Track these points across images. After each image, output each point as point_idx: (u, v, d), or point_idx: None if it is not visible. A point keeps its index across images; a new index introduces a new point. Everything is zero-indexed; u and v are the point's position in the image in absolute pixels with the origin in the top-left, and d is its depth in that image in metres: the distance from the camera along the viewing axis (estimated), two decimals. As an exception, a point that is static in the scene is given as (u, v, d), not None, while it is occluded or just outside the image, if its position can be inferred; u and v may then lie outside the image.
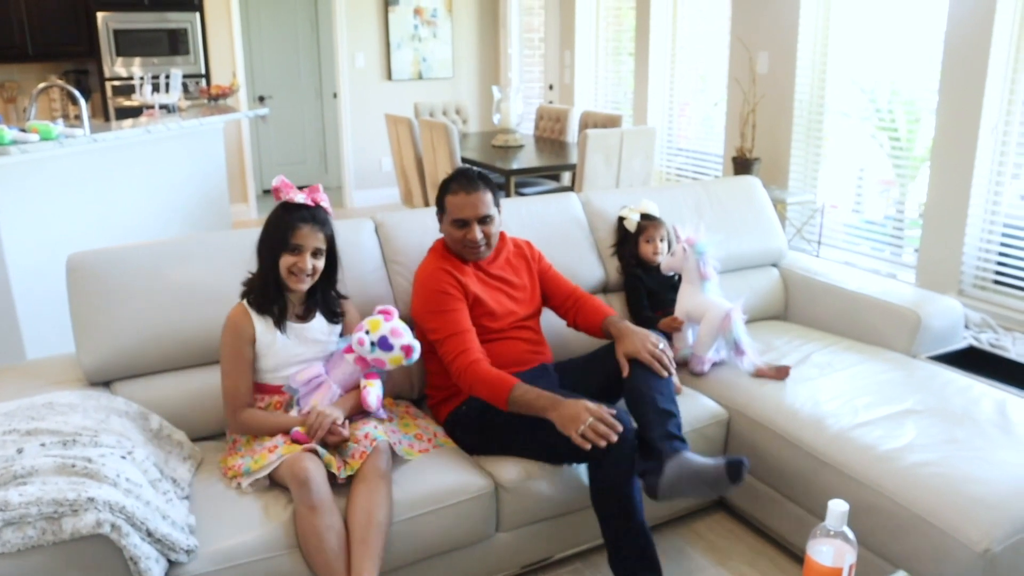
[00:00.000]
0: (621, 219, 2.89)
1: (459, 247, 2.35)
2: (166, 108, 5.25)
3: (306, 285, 2.14)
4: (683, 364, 2.70)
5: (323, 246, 2.15)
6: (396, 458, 2.12)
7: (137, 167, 4.31)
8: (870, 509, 2.09)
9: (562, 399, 2.04)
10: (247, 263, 2.24)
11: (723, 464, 2.06)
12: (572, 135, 6.05)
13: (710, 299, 2.62)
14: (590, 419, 1.96)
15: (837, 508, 1.39)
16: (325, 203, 2.20)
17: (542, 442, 2.14)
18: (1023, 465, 2.07)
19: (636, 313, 2.83)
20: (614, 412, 2.03)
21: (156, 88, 5.42)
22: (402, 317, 2.24)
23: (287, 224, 2.10)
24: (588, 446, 1.96)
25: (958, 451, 2.14)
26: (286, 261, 2.10)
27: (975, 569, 1.86)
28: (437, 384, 2.39)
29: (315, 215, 2.14)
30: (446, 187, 2.37)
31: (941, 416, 2.32)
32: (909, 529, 1.99)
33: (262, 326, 2.14)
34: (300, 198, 2.14)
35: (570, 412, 1.99)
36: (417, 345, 2.18)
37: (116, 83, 6.51)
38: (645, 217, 2.85)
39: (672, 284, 2.82)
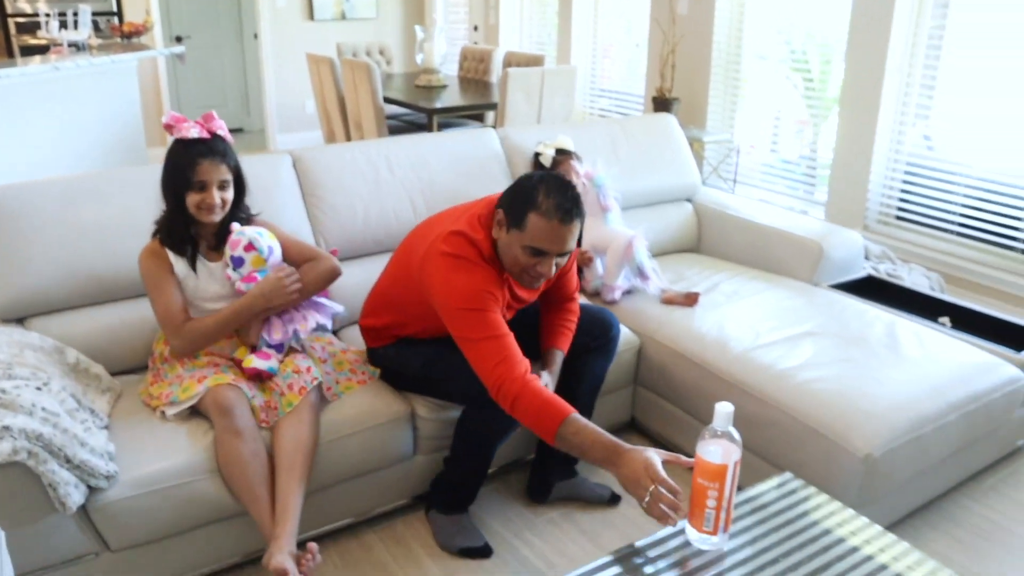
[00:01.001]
0: (537, 155, 2.94)
1: (516, 270, 1.97)
2: (75, 46, 5.06)
3: (218, 216, 2.11)
4: (595, 294, 2.80)
5: (228, 177, 2.09)
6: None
7: (46, 107, 4.17)
8: (768, 423, 2.23)
9: (623, 449, 1.68)
10: (159, 198, 2.23)
11: (606, 497, 2.41)
12: (496, 75, 6.04)
13: (613, 229, 2.73)
14: (652, 487, 1.57)
15: (723, 409, 1.50)
16: (222, 131, 2.11)
17: (450, 393, 2.19)
18: (906, 381, 2.24)
19: None
20: (691, 463, 1.57)
21: (64, 25, 5.21)
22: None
23: (186, 162, 2.03)
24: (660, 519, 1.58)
25: (850, 369, 2.29)
26: (193, 199, 2.05)
27: (857, 472, 2.02)
28: (374, 313, 2.27)
29: (213, 148, 2.06)
30: (534, 200, 1.88)
31: (836, 338, 2.47)
32: (802, 439, 2.14)
33: (178, 263, 2.13)
34: (194, 132, 2.04)
35: (631, 474, 1.63)
36: (257, 236, 2.10)
37: (20, 20, 6.22)
38: (560, 152, 2.90)
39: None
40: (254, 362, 2.09)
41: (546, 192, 1.87)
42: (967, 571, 2.17)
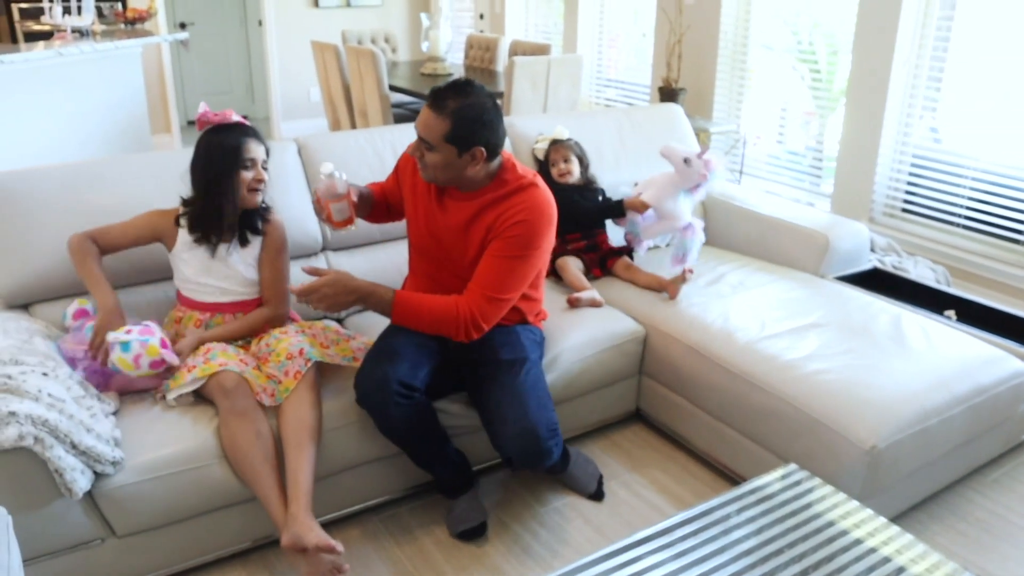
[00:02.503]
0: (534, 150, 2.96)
1: None
2: (79, 32, 5.05)
3: (262, 197, 2.20)
4: (627, 237, 2.95)
5: (266, 157, 2.20)
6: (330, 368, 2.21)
7: (50, 93, 4.16)
8: (772, 413, 2.23)
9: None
10: (163, 184, 2.24)
11: (592, 489, 2.40)
12: (502, 64, 6.02)
13: (681, 206, 2.80)
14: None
15: (325, 169, 2.03)
16: None
17: None
18: (910, 372, 2.24)
19: (586, 215, 2.88)
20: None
21: (67, 11, 5.20)
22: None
23: (236, 143, 2.12)
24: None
25: (854, 360, 2.29)
26: (245, 178, 2.13)
27: (862, 464, 2.02)
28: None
29: (253, 131, 2.19)
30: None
31: (841, 329, 2.47)
32: (806, 430, 2.14)
33: (184, 242, 2.16)
34: (236, 117, 2.18)
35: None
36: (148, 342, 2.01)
37: (24, 5, 6.21)
38: (553, 143, 2.90)
39: (596, 208, 2.90)
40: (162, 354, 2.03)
41: (448, 85, 1.98)
42: (970, 564, 2.17)
